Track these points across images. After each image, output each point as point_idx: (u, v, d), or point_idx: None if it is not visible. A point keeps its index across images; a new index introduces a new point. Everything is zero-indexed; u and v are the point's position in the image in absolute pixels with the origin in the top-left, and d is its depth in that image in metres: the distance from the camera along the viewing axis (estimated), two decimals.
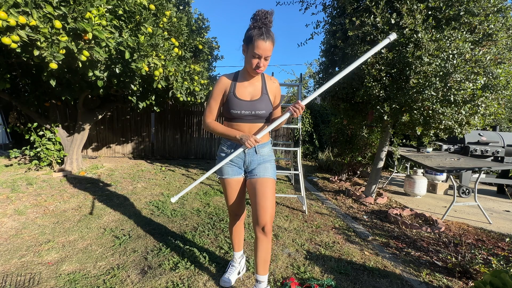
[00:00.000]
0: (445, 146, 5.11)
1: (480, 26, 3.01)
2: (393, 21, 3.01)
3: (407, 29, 2.97)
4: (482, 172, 3.57)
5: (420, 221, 3.34)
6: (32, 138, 4.55)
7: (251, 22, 1.42)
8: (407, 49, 2.92)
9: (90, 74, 3.25)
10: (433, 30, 2.95)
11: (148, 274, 1.94)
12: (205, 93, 4.88)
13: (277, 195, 3.66)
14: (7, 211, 2.94)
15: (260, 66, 1.46)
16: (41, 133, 4.60)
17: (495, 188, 5.81)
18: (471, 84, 2.85)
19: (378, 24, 3.10)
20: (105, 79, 3.46)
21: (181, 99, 4.35)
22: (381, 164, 4.13)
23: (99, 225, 2.74)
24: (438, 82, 2.85)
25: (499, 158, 4.97)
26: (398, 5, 3.00)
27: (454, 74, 2.81)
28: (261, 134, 1.56)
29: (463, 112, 2.98)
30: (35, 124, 4.59)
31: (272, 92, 1.66)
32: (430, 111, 3.02)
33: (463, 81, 2.85)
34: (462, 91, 2.86)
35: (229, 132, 1.57)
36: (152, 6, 3.38)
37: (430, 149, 4.80)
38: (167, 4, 3.72)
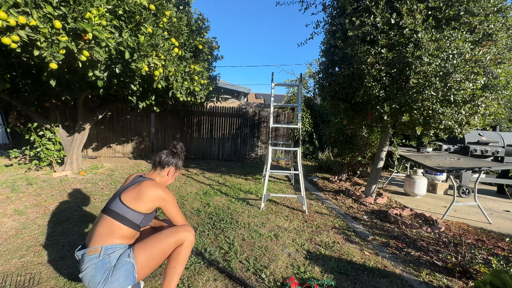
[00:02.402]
0: (445, 146, 5.11)
1: (480, 26, 3.01)
2: (393, 21, 3.02)
3: (407, 29, 2.97)
4: (482, 172, 3.57)
5: (420, 221, 3.34)
6: (32, 138, 4.55)
7: (177, 154, 1.81)
8: (407, 49, 2.92)
9: (90, 74, 3.25)
10: (433, 30, 2.95)
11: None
12: (205, 93, 4.87)
13: (277, 195, 3.67)
14: (7, 211, 2.94)
15: None
16: (41, 133, 4.60)
17: (495, 188, 5.81)
18: (471, 84, 2.85)
19: (378, 24, 3.10)
20: (105, 79, 3.46)
21: (181, 99, 4.35)
22: (381, 164, 4.14)
23: None
24: (438, 82, 2.85)
25: (499, 158, 4.97)
26: (398, 5, 3.00)
27: (454, 74, 2.81)
28: None
29: (463, 112, 2.98)
30: (35, 124, 4.59)
31: None
32: (430, 111, 3.02)
33: (463, 81, 2.85)
34: (462, 91, 2.86)
35: None
36: (152, 6, 3.38)
37: (430, 149, 4.80)
38: (167, 4, 3.72)
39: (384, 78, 3.20)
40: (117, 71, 3.36)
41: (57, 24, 2.49)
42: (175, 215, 1.64)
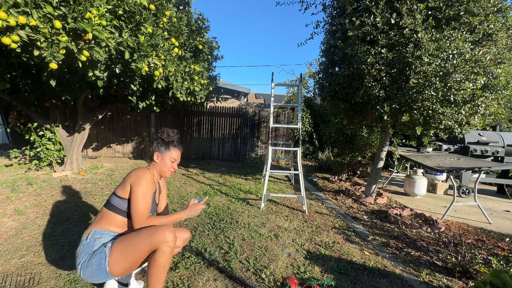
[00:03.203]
0: (445, 146, 5.11)
1: (480, 26, 3.01)
2: (393, 21, 3.02)
3: (407, 29, 2.97)
4: (482, 172, 3.57)
5: (420, 221, 3.34)
6: (32, 138, 4.54)
7: (160, 139, 1.71)
8: (407, 49, 2.92)
9: (90, 74, 3.25)
10: (433, 30, 2.95)
11: None
12: (205, 93, 4.87)
13: (277, 195, 3.67)
14: (7, 211, 2.94)
15: (176, 169, 1.75)
16: (41, 133, 4.60)
17: (495, 188, 5.81)
18: (471, 84, 2.85)
19: (378, 24, 3.10)
20: (105, 79, 3.46)
21: (181, 99, 4.35)
22: (381, 164, 4.14)
23: None
24: (438, 82, 2.85)
25: (499, 158, 4.97)
26: (398, 5, 3.00)
27: (454, 74, 2.81)
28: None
29: (463, 112, 2.98)
30: (35, 124, 4.59)
31: None
32: (430, 111, 3.02)
33: (463, 81, 2.85)
34: (462, 91, 2.86)
35: (176, 217, 1.66)
36: (152, 6, 3.38)
37: (430, 149, 4.80)
38: (167, 4, 3.71)
39: (384, 78, 3.20)
40: (117, 71, 3.36)
41: (57, 24, 2.48)
42: (136, 208, 1.48)
